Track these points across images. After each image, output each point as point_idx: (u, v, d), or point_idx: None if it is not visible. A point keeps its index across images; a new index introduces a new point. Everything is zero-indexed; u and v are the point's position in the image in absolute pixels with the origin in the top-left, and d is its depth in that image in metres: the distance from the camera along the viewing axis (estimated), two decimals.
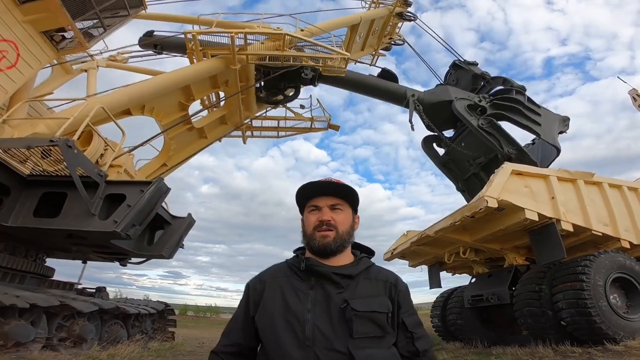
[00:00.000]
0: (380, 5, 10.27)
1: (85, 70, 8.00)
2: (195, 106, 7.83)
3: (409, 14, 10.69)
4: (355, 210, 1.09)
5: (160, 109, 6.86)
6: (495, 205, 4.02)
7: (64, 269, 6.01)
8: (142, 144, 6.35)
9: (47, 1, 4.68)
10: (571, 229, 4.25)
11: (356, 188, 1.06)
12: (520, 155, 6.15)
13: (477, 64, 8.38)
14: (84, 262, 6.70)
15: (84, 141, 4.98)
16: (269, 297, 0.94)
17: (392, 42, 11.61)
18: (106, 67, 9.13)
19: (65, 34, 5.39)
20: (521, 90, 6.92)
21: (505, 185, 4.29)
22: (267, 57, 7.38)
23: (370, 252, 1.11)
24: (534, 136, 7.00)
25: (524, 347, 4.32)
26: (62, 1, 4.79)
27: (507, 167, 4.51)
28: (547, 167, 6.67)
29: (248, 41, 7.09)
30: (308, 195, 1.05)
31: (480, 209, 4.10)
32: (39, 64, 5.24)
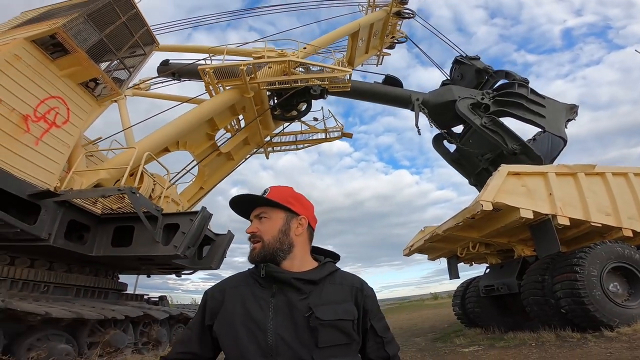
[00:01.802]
0: (377, 8, 10.48)
1: (115, 101, 9.02)
2: (219, 132, 8.83)
3: (406, 11, 10.76)
4: (294, 212, 0.99)
5: (191, 142, 7.91)
6: (490, 208, 4.44)
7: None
8: (182, 175, 7.47)
9: (76, 55, 4.91)
10: (568, 223, 4.54)
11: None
12: (524, 150, 6.33)
13: (479, 58, 8.43)
14: (148, 276, 8.07)
15: (135, 178, 5.96)
16: (230, 306, 0.90)
17: (395, 41, 11.78)
18: (132, 96, 10.38)
19: (97, 80, 5.65)
20: (524, 83, 6.98)
21: (501, 187, 4.67)
22: (276, 81, 8.13)
23: (335, 257, 1.06)
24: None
25: (533, 333, 4.76)
26: (87, 53, 4.97)
27: (503, 169, 4.85)
28: (557, 156, 6.77)
29: (256, 64, 7.81)
30: (246, 214, 1.03)
31: (478, 212, 4.56)
32: (85, 114, 5.56)
